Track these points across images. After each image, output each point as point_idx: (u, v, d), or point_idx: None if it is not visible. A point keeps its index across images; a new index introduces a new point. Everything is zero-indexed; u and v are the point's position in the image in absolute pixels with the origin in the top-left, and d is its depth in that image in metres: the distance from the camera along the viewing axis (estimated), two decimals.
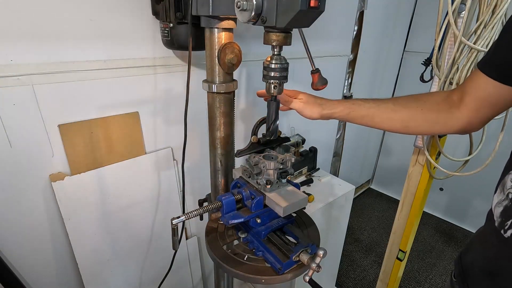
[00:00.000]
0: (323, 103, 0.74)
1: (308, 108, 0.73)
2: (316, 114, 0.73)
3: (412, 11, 2.36)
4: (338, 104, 0.74)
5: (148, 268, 1.20)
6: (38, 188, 0.87)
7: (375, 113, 0.72)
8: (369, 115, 0.72)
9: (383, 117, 0.72)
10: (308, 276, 0.64)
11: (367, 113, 0.72)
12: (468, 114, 0.64)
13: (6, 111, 0.76)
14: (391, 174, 2.87)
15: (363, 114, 0.72)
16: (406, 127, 0.71)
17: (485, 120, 0.64)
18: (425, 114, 0.69)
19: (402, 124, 0.71)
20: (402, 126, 0.71)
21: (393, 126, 0.72)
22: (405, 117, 0.70)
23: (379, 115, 0.72)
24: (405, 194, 1.22)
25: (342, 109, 0.73)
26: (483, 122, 0.65)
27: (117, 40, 0.88)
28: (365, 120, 0.73)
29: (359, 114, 0.72)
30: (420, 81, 1.13)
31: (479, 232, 0.69)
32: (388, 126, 0.73)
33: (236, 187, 0.76)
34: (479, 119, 0.64)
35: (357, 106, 0.72)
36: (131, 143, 1.01)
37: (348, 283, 1.96)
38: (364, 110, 0.72)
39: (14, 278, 0.87)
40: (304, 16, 0.54)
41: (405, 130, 0.73)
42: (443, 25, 0.89)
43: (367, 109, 0.72)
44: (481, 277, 0.63)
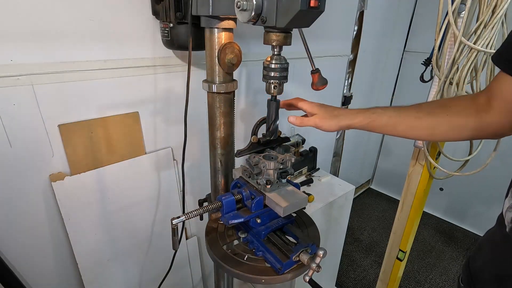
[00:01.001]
0: (340, 114, 0.70)
1: (325, 123, 0.69)
2: (334, 127, 0.69)
3: (412, 11, 2.36)
4: (357, 114, 0.69)
5: (148, 268, 1.20)
6: (38, 188, 0.87)
7: (397, 121, 0.67)
8: (391, 124, 0.68)
9: (407, 125, 0.67)
10: (308, 276, 0.64)
11: (389, 122, 0.68)
12: (498, 117, 0.59)
13: (6, 111, 0.76)
14: (391, 174, 2.87)
15: (384, 123, 0.68)
16: (431, 135, 0.67)
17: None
18: (452, 120, 0.64)
19: (427, 132, 0.67)
20: (427, 134, 0.68)
21: (417, 134, 0.69)
22: (430, 124, 0.66)
23: (401, 123, 0.67)
24: (405, 194, 1.21)
25: (361, 119, 0.68)
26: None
27: (117, 40, 0.88)
28: (387, 129, 0.69)
29: (380, 123, 0.68)
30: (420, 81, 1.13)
31: (488, 236, 0.67)
32: (413, 135, 0.69)
33: (236, 187, 0.76)
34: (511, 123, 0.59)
35: (377, 116, 0.68)
36: (131, 143, 1.01)
37: (348, 283, 1.96)
38: (385, 119, 0.68)
39: (14, 278, 0.87)
40: (304, 16, 0.54)
41: (431, 137, 0.69)
42: (443, 25, 0.89)
43: (388, 118, 0.67)
44: (491, 282, 0.62)
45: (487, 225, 0.69)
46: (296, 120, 0.71)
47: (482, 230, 2.37)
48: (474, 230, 2.43)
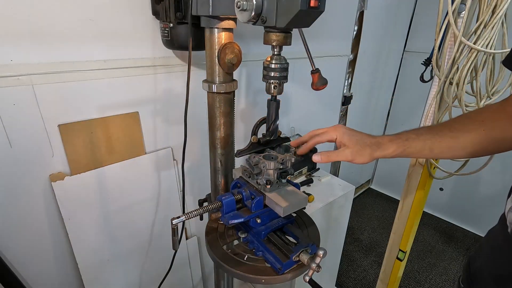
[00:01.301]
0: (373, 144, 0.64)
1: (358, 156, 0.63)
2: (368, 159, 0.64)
3: (412, 11, 2.36)
4: (390, 143, 0.64)
5: (148, 268, 1.20)
6: (38, 188, 0.87)
7: (433, 144, 0.64)
8: (427, 148, 0.64)
9: (443, 146, 0.64)
10: (308, 276, 0.64)
11: (424, 147, 0.64)
12: None
13: (6, 111, 0.76)
14: (391, 174, 2.87)
15: (419, 149, 0.64)
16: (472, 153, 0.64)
17: None
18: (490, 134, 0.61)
19: (465, 151, 0.64)
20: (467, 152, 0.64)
21: (456, 154, 0.65)
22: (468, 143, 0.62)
23: (437, 146, 0.64)
24: (405, 194, 1.21)
25: (395, 149, 0.63)
26: None
27: (117, 40, 0.88)
28: (423, 153, 0.65)
29: (415, 149, 0.64)
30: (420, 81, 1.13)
31: (489, 236, 0.67)
32: (451, 156, 0.66)
33: (236, 187, 0.76)
34: None
35: (411, 142, 0.64)
36: (131, 143, 1.01)
37: (348, 283, 1.96)
38: (420, 144, 0.64)
39: (14, 278, 0.87)
40: (304, 16, 0.54)
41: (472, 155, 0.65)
42: (443, 25, 0.89)
43: (423, 142, 0.64)
44: (490, 282, 0.62)
45: (487, 225, 0.69)
46: (322, 157, 0.66)
47: (482, 230, 2.38)
48: (474, 230, 2.43)
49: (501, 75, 0.96)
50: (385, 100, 2.64)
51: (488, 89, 0.96)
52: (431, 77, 1.04)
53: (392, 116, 2.74)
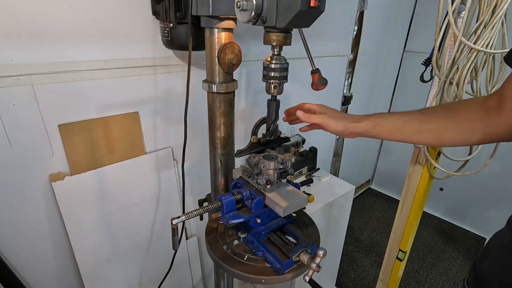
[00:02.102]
0: (347, 117, 0.70)
1: (332, 122, 0.69)
2: (341, 127, 0.69)
3: (412, 11, 2.36)
4: (363, 117, 0.69)
5: (148, 268, 1.20)
6: (38, 188, 0.87)
7: (402, 125, 0.67)
8: (397, 128, 0.67)
9: (412, 129, 0.66)
10: (308, 276, 0.64)
11: (394, 126, 0.67)
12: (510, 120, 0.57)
13: (6, 111, 0.76)
14: (391, 174, 2.87)
15: (389, 127, 0.67)
16: (438, 139, 0.66)
17: None
18: (460, 123, 0.63)
19: (433, 136, 0.66)
20: (434, 137, 0.66)
21: (424, 138, 0.68)
22: (437, 128, 0.65)
23: (407, 127, 0.67)
24: (405, 194, 1.21)
25: (367, 123, 0.68)
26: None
27: (117, 40, 0.88)
28: (393, 133, 0.68)
29: (385, 127, 0.67)
30: (420, 81, 1.13)
31: (496, 239, 0.66)
32: (418, 139, 0.69)
33: (236, 187, 0.76)
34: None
35: (382, 120, 0.68)
36: (131, 143, 1.01)
37: (348, 283, 1.96)
38: (391, 123, 0.67)
39: (14, 278, 0.87)
40: (304, 16, 0.54)
41: (438, 142, 0.68)
42: (443, 25, 0.89)
43: (393, 122, 0.67)
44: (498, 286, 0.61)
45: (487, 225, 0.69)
46: (304, 115, 0.70)
47: (482, 230, 2.38)
48: (474, 230, 2.43)
49: (501, 75, 0.96)
50: (385, 100, 2.64)
51: (488, 89, 0.96)
52: (431, 77, 1.04)
53: None
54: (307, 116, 0.71)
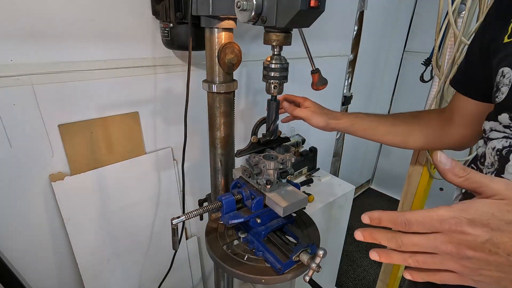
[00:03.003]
0: (329, 113, 0.77)
1: (315, 117, 0.75)
2: (322, 122, 0.75)
3: (412, 11, 2.36)
4: (342, 115, 0.77)
5: (148, 268, 1.20)
6: (38, 188, 0.87)
7: (376, 126, 0.75)
8: (371, 128, 0.75)
9: (384, 130, 0.75)
10: (308, 276, 0.64)
11: (369, 126, 0.75)
12: (460, 130, 0.67)
13: (6, 111, 0.76)
14: (391, 174, 2.87)
15: (365, 126, 0.76)
16: (405, 142, 0.75)
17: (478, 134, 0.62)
18: (422, 129, 0.72)
19: (401, 139, 0.75)
20: (401, 140, 0.75)
21: (393, 139, 0.76)
22: (405, 132, 0.74)
23: (380, 128, 0.75)
24: (405, 194, 1.22)
25: (346, 121, 0.76)
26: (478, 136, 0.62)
27: (117, 40, 0.88)
28: (367, 132, 0.76)
29: (361, 126, 0.76)
30: (420, 81, 1.13)
31: None
32: (388, 139, 0.76)
33: (236, 187, 0.76)
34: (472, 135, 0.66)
35: (360, 119, 0.76)
36: (131, 143, 1.01)
37: (348, 283, 1.96)
38: (366, 123, 0.76)
39: (14, 278, 0.87)
40: (304, 16, 0.54)
41: (404, 144, 0.76)
42: (443, 25, 0.89)
43: (369, 122, 0.75)
44: None
45: None
46: (289, 107, 0.77)
47: None
48: None
49: None
50: (385, 100, 2.64)
51: None
52: (431, 77, 1.04)
53: None
54: (292, 108, 0.77)
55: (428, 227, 0.31)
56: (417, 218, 0.31)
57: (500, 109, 0.49)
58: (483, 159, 0.52)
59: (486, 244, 0.29)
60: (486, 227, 0.29)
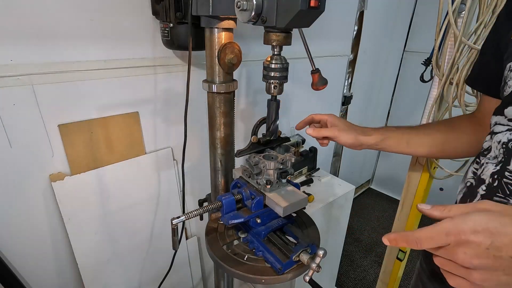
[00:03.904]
0: (358, 129, 0.72)
1: (343, 135, 0.70)
2: (351, 139, 0.70)
3: (412, 11, 2.36)
4: (372, 130, 0.72)
5: (148, 268, 1.20)
6: (38, 188, 0.87)
7: (409, 138, 0.71)
8: (404, 141, 0.71)
9: (418, 142, 0.71)
10: (308, 276, 0.64)
11: (402, 139, 0.71)
12: None
13: (6, 111, 0.76)
14: (391, 174, 2.87)
15: (397, 140, 0.71)
16: (442, 151, 0.71)
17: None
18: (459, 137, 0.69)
19: (437, 149, 0.71)
20: (438, 150, 0.71)
21: (429, 151, 0.72)
22: (440, 141, 0.70)
23: (414, 140, 0.71)
24: (405, 194, 1.21)
25: (376, 136, 0.71)
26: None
27: (117, 40, 0.88)
28: (401, 146, 0.72)
29: (393, 140, 0.71)
30: (420, 81, 1.13)
31: None
32: (424, 151, 0.72)
33: (236, 187, 0.76)
34: None
35: (390, 133, 0.71)
36: (131, 143, 1.01)
37: (348, 283, 1.96)
38: (398, 136, 0.71)
39: (14, 278, 0.87)
40: (304, 16, 0.54)
41: (441, 154, 0.72)
42: (443, 25, 0.89)
43: (401, 135, 0.71)
44: None
45: None
46: (314, 131, 0.72)
47: None
48: None
49: None
50: (385, 100, 2.64)
51: None
52: (431, 77, 1.04)
53: (392, 116, 2.74)
54: (317, 131, 0.72)
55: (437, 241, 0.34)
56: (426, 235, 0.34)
57: (507, 103, 0.50)
58: (487, 152, 0.54)
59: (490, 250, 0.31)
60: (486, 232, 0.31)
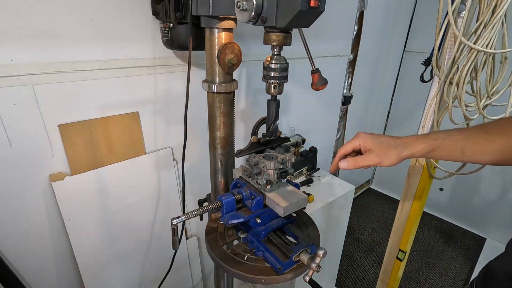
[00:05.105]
0: (398, 144, 0.62)
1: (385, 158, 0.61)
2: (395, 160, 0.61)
3: (412, 11, 2.36)
4: (417, 142, 0.62)
5: (148, 268, 1.20)
6: (38, 188, 0.87)
7: (464, 146, 0.60)
8: (458, 150, 0.61)
9: (476, 149, 0.60)
10: (308, 276, 0.64)
11: (455, 148, 0.61)
12: None
13: (6, 111, 0.76)
14: (391, 174, 2.87)
15: (450, 149, 0.61)
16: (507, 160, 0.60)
17: None
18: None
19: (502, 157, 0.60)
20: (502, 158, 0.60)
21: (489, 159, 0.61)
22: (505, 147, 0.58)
23: (470, 148, 0.60)
24: (405, 194, 1.21)
25: (423, 147, 0.61)
26: None
27: (117, 40, 0.88)
28: (454, 155, 0.62)
29: (445, 150, 0.61)
30: (420, 81, 1.13)
31: None
32: (484, 160, 0.62)
33: (236, 187, 0.76)
34: None
35: (441, 141, 0.61)
36: (131, 143, 1.01)
37: (348, 283, 1.96)
38: (451, 144, 0.61)
39: (14, 278, 0.87)
40: (304, 16, 0.54)
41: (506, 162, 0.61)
42: (443, 25, 0.89)
43: (454, 143, 0.61)
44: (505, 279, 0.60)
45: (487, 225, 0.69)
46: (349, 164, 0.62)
47: (482, 230, 2.38)
48: (474, 230, 2.43)
49: (501, 75, 0.96)
50: (385, 100, 2.64)
51: (488, 89, 0.96)
52: (431, 77, 1.04)
53: (392, 116, 2.74)
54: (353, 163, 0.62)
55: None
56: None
57: None
58: None
59: None
60: None
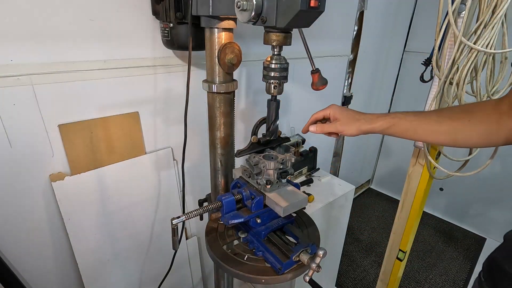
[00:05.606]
0: (361, 118, 0.70)
1: (346, 127, 0.70)
2: (355, 131, 0.70)
3: (412, 11, 2.36)
4: (378, 118, 0.70)
5: (148, 268, 1.20)
6: (38, 188, 0.87)
7: (418, 125, 0.68)
8: (412, 129, 0.69)
9: (427, 129, 0.68)
10: (308, 276, 0.64)
11: (410, 127, 0.69)
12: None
13: (6, 111, 0.76)
14: (391, 174, 2.87)
15: (405, 127, 0.69)
16: (453, 140, 0.67)
17: None
18: (475, 125, 0.64)
19: (449, 137, 0.67)
20: (449, 139, 0.68)
21: (438, 139, 0.70)
22: (452, 129, 0.66)
23: (422, 127, 0.68)
24: (405, 194, 1.21)
25: (382, 123, 0.69)
26: None
27: (117, 40, 0.88)
28: (408, 133, 0.69)
29: (401, 128, 0.69)
30: (420, 81, 1.13)
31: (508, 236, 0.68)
32: (433, 139, 0.71)
33: (236, 187, 0.76)
34: None
35: (398, 120, 0.69)
36: (131, 143, 1.01)
37: (348, 283, 1.96)
38: (407, 123, 0.69)
39: (14, 278, 0.87)
40: (304, 16, 0.54)
41: (453, 143, 0.68)
42: (443, 25, 0.89)
43: (409, 122, 0.68)
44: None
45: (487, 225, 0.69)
46: (317, 128, 0.72)
47: (482, 230, 2.38)
48: (474, 230, 2.43)
49: (501, 75, 0.96)
50: (385, 100, 2.64)
51: (488, 89, 0.96)
52: (431, 77, 1.04)
53: None
54: (320, 128, 0.73)
55: None
56: None
57: None
58: None
59: None
60: None
